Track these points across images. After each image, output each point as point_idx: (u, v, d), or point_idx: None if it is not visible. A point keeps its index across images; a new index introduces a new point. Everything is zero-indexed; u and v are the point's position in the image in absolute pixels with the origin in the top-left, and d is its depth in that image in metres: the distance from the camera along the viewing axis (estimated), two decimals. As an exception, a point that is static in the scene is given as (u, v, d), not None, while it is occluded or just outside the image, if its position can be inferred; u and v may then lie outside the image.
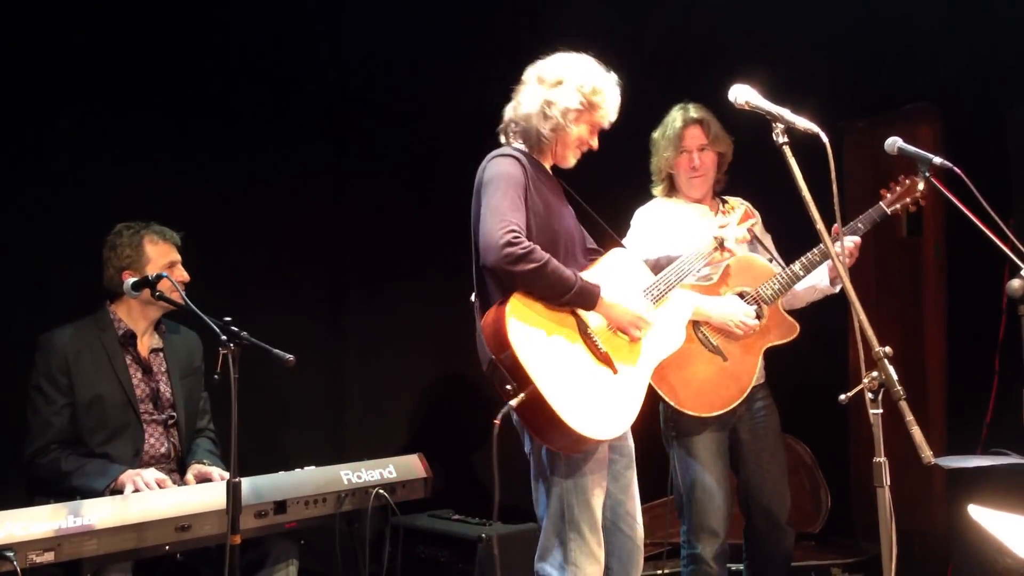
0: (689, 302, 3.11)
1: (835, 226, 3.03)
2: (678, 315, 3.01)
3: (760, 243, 3.52)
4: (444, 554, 3.80)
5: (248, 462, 2.66)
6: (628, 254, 3.03)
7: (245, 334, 2.64)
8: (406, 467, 3.32)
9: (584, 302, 2.72)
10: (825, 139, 2.28)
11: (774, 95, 2.44)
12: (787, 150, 2.31)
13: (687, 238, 3.29)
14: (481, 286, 2.79)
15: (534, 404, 2.56)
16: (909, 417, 2.00)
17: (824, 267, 3.35)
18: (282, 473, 3.05)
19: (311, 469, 3.11)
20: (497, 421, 2.56)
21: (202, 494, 2.83)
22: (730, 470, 3.42)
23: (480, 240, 2.66)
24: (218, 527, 2.76)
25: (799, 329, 3.33)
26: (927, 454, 1.98)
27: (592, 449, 2.73)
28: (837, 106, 4.42)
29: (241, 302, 3.68)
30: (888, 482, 2.04)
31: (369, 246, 4.73)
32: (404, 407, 4.80)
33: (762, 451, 3.42)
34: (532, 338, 2.63)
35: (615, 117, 2.92)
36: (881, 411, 2.05)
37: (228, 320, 2.66)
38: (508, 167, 2.75)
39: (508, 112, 2.95)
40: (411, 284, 4.78)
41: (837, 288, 3.41)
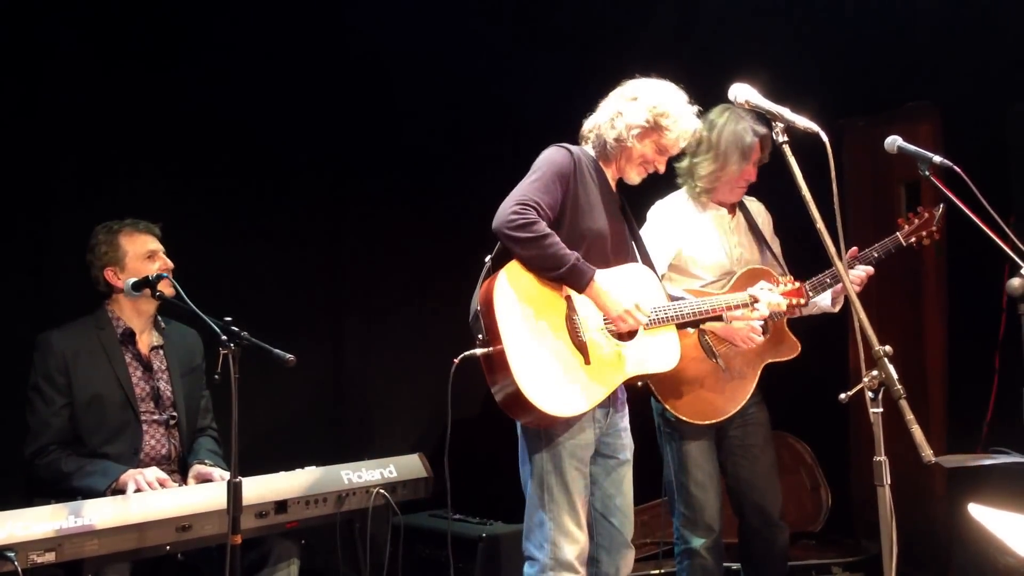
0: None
1: (852, 250, 3.05)
2: (676, 344, 2.98)
3: (769, 248, 3.53)
4: (444, 554, 3.79)
5: (249, 462, 2.66)
6: (652, 274, 3.03)
7: (245, 334, 2.65)
8: (407, 467, 3.33)
9: (575, 281, 2.74)
10: (825, 138, 2.28)
11: (774, 94, 2.45)
12: (787, 149, 2.32)
13: (706, 247, 3.39)
14: (499, 254, 2.85)
15: (497, 362, 2.68)
16: (909, 416, 2.00)
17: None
18: (283, 473, 3.04)
19: (312, 469, 3.11)
20: (456, 360, 2.71)
21: (203, 494, 2.83)
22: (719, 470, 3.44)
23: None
24: (219, 527, 2.76)
25: (800, 349, 3.38)
26: (927, 453, 1.99)
27: (559, 429, 2.77)
28: (837, 105, 4.42)
29: (241, 302, 3.67)
30: (889, 481, 2.04)
31: (369, 246, 4.72)
32: (404, 407, 4.79)
33: (752, 447, 3.44)
34: (516, 304, 2.71)
35: (684, 145, 2.97)
36: (881, 410, 2.06)
37: (228, 320, 2.66)
38: (556, 155, 2.86)
39: (590, 119, 3.02)
40: (412, 283, 4.78)
41: (837, 309, 3.45)
